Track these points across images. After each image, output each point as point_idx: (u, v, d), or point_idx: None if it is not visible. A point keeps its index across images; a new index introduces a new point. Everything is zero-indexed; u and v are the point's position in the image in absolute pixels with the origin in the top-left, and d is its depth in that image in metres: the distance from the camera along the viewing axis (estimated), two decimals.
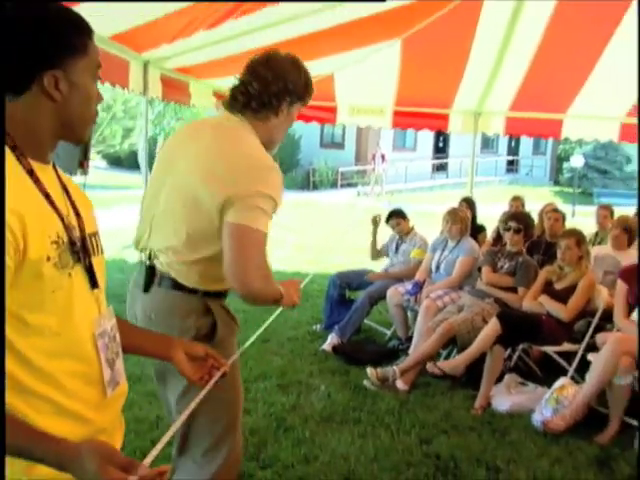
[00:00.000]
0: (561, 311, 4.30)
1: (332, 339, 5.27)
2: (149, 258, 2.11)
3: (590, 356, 4.05)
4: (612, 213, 6.29)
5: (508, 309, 4.61)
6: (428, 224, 11.69)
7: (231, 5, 4.71)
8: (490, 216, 7.28)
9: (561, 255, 4.48)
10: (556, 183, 32.31)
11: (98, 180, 24.77)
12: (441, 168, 28.91)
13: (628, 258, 4.77)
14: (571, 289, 4.37)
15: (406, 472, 3.30)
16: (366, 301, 5.45)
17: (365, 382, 4.42)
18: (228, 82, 7.42)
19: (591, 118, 7.81)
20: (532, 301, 4.52)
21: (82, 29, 1.31)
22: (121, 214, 12.43)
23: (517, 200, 7.02)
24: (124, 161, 30.09)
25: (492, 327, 4.23)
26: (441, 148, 29.71)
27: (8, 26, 1.19)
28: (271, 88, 2.10)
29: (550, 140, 32.58)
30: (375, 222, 5.94)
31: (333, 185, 24.85)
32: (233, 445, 2.21)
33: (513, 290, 4.77)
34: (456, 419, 3.95)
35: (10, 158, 1.20)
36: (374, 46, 6.86)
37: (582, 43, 6.38)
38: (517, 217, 4.95)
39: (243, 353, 2.03)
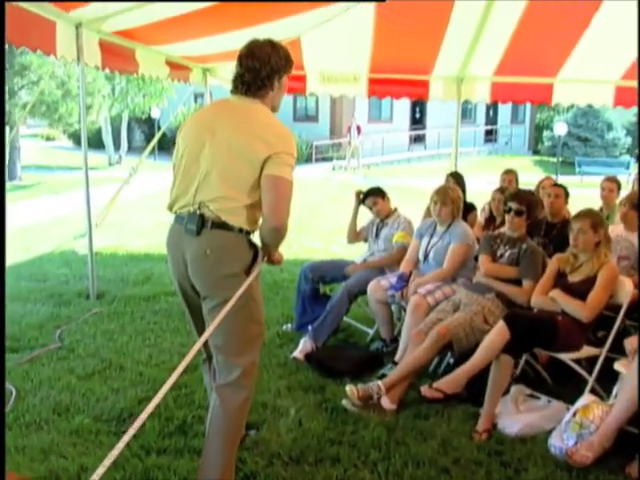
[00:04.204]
0: (579, 309, 3.56)
1: (305, 345, 4.49)
2: (199, 208, 2.60)
3: (617, 365, 3.33)
4: (619, 186, 5.56)
5: (516, 309, 3.86)
6: (407, 200, 10.96)
7: None
8: (474, 191, 6.52)
9: (574, 241, 3.73)
10: (535, 152, 31.72)
11: (62, 161, 23.73)
12: (418, 139, 28.27)
13: None
14: (588, 282, 3.62)
15: None
16: (344, 297, 4.67)
17: (344, 402, 3.65)
18: (182, 48, 6.24)
19: (584, 82, 7.21)
20: (542, 296, 3.77)
21: None
22: (79, 198, 11.53)
23: (510, 174, 6.26)
24: (91, 140, 28.99)
25: (498, 332, 3.47)
26: (418, 119, 28.99)
27: None
28: (261, 74, 2.66)
29: (528, 108, 32.08)
30: (358, 198, 5.15)
31: (308, 160, 24.13)
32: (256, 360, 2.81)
33: (517, 283, 4.02)
34: (457, 450, 3.21)
35: None
36: (345, 3, 6.01)
37: (574, 1, 5.67)
38: (518, 197, 4.17)
39: None
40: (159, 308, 5.55)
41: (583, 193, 10.73)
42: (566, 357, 3.59)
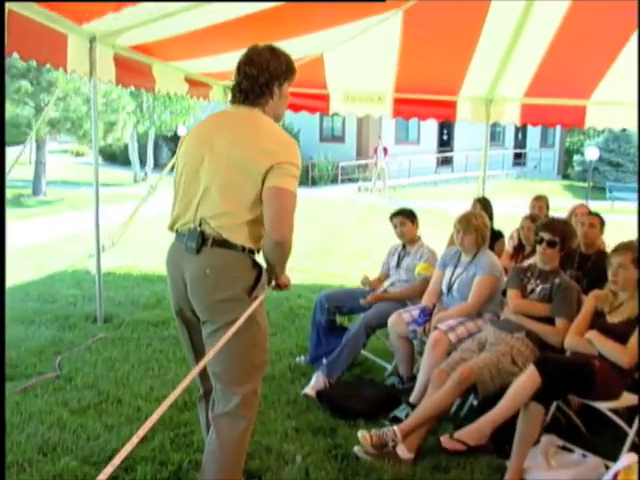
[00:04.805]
0: (620, 354, 3.21)
1: (317, 380, 4.17)
2: (199, 225, 2.46)
3: None
4: None
5: (547, 351, 3.52)
6: (433, 223, 10.65)
7: None
8: (501, 214, 6.19)
9: (613, 277, 3.39)
10: (565, 177, 31.16)
11: (89, 177, 23.73)
12: (446, 162, 27.94)
13: None
14: (630, 323, 3.27)
15: None
16: (361, 330, 4.35)
17: (356, 449, 3.33)
18: (201, 65, 5.92)
19: (618, 105, 6.85)
20: (577, 337, 3.42)
21: None
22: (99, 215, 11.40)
23: (540, 200, 5.92)
24: (119, 157, 29.23)
25: (528, 378, 3.13)
26: (445, 141, 28.68)
27: None
28: (259, 81, 2.51)
29: (558, 131, 31.62)
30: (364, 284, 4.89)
31: (333, 180, 23.98)
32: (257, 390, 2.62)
33: (549, 321, 3.68)
34: None
35: None
36: (370, 19, 5.77)
37: (609, 21, 5.54)
38: (551, 227, 3.83)
39: None
40: (167, 335, 5.27)
41: (614, 219, 10.32)
42: (604, 406, 3.23)
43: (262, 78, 2.50)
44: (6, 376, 4.19)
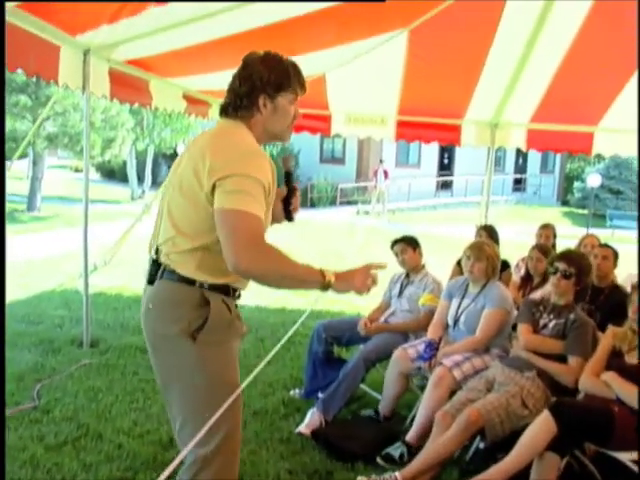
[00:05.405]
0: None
1: (312, 418, 3.91)
2: (156, 253, 2.22)
3: None
4: None
5: (560, 393, 3.27)
6: (433, 249, 10.41)
7: None
8: (504, 241, 5.94)
9: (633, 314, 3.17)
10: (564, 203, 31.03)
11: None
12: (445, 186, 27.80)
13: None
14: None
15: None
16: (360, 364, 4.09)
17: None
18: (200, 81, 5.65)
19: (627, 132, 6.66)
20: (593, 378, 3.18)
21: None
22: (94, 232, 11.19)
23: (547, 229, 5.73)
24: (117, 173, 29.11)
25: (543, 426, 2.89)
26: (446, 165, 28.57)
27: None
28: (240, 91, 2.22)
29: (558, 158, 31.59)
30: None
31: (332, 202, 23.77)
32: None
33: (561, 359, 3.44)
34: None
35: None
36: (374, 39, 5.61)
37: (619, 46, 5.37)
38: (568, 258, 3.60)
39: None
40: None
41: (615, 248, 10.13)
42: (624, 458, 2.98)
43: (244, 87, 2.21)
44: None
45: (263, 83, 2.21)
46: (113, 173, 29.92)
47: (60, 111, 16.23)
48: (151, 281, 2.21)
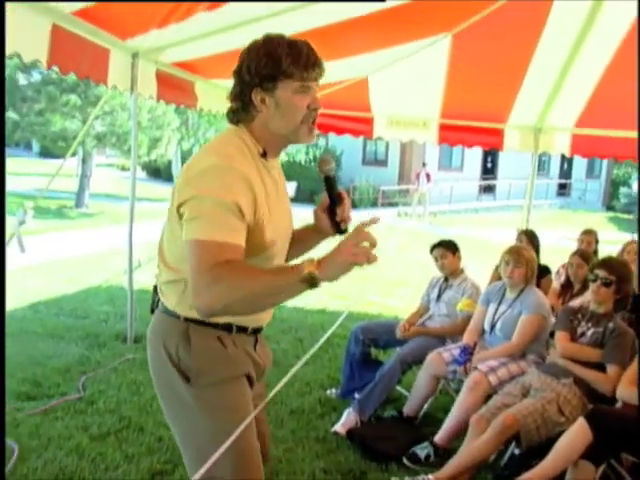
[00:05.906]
0: None
1: (348, 417, 3.97)
2: (157, 278, 2.04)
3: None
4: None
5: (597, 401, 3.26)
6: (473, 252, 10.35)
7: None
8: (546, 246, 5.90)
9: None
10: (609, 209, 30.40)
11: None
12: (488, 190, 27.53)
13: None
14: None
15: None
16: (396, 366, 4.13)
17: None
18: None
19: None
20: (631, 388, 3.16)
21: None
22: (139, 230, 11.45)
23: (589, 234, 5.66)
24: (162, 172, 29.65)
25: (578, 433, 2.89)
26: (489, 169, 28.27)
27: None
28: (234, 91, 1.87)
29: (605, 163, 30.98)
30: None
31: (374, 204, 23.75)
32: None
33: (599, 367, 3.42)
34: None
35: None
36: (417, 43, 5.63)
37: None
38: (608, 265, 3.58)
39: None
40: None
41: None
42: None
43: (236, 87, 1.85)
44: (28, 395, 4.11)
45: (252, 75, 1.79)
46: (159, 172, 30.46)
47: (108, 110, 16.60)
48: (152, 309, 2.04)
